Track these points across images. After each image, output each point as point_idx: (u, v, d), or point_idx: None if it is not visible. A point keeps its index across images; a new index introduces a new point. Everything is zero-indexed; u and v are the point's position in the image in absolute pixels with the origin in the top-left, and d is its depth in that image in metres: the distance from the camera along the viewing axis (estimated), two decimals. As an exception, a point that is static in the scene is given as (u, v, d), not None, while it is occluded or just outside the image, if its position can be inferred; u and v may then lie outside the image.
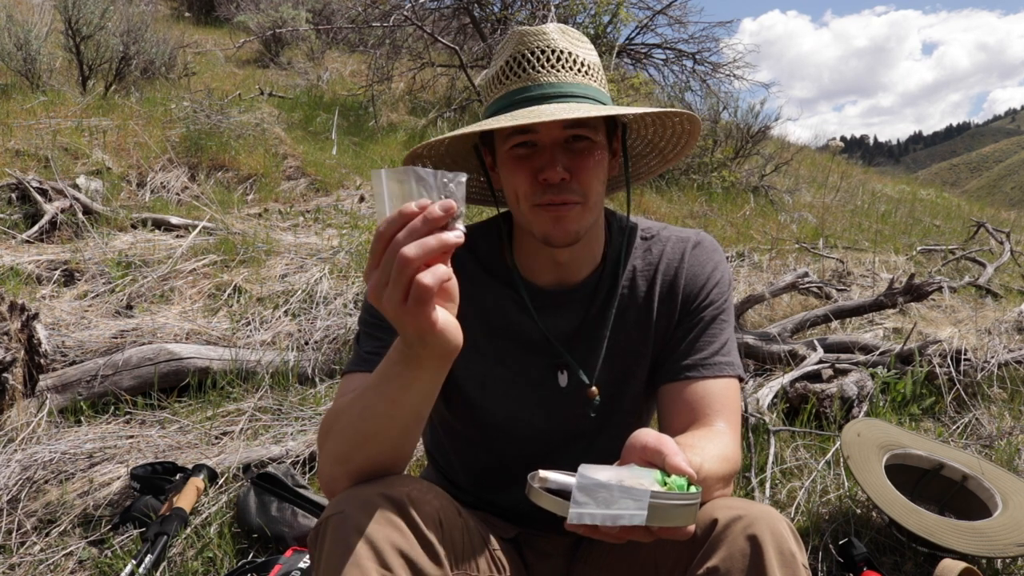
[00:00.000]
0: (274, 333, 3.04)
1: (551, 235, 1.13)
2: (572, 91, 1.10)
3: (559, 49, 1.10)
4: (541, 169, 1.09)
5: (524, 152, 1.11)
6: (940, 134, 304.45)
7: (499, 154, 1.15)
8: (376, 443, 1.00)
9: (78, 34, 6.43)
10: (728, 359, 1.21)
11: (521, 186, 1.11)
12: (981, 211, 9.72)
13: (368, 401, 0.98)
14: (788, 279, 3.79)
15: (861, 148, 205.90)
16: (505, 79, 1.12)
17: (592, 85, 1.12)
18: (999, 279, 5.18)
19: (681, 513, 0.82)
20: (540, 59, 1.10)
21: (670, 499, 0.82)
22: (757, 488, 2.22)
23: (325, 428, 1.07)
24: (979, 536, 1.80)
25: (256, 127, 5.98)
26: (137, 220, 4.09)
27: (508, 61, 1.11)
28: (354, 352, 1.21)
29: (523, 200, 1.13)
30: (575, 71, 1.11)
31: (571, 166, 1.10)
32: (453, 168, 1.25)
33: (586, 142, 1.11)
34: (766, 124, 8.44)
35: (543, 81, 1.09)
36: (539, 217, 1.12)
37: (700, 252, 1.27)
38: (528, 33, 1.11)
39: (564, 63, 1.10)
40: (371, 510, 0.96)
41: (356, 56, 10.39)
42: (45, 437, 2.29)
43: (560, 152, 1.09)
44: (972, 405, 2.74)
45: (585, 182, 1.11)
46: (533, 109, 1.07)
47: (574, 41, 1.13)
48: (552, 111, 1.05)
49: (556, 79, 1.09)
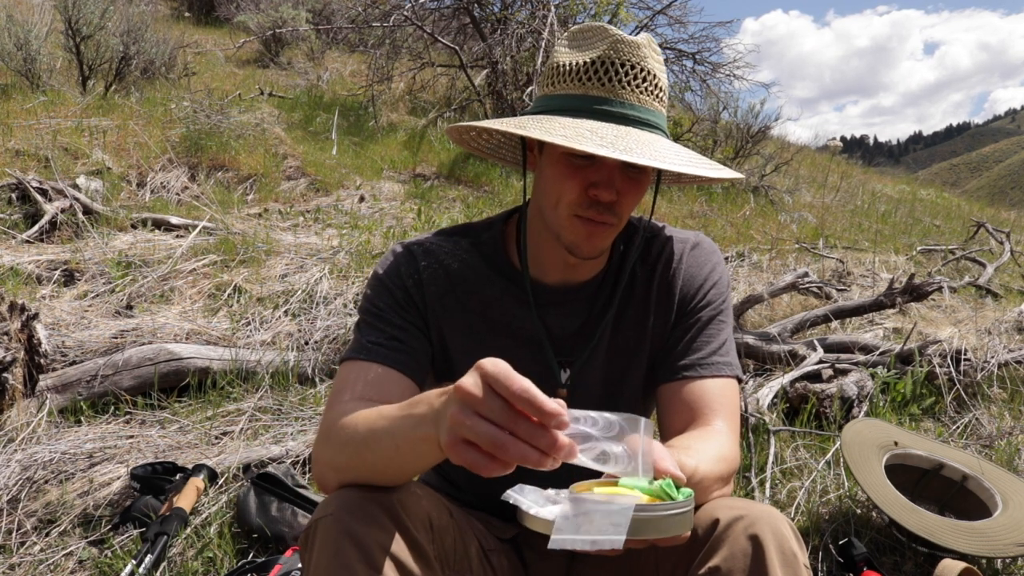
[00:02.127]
0: (274, 333, 3.04)
1: (580, 247, 1.14)
2: (649, 118, 1.08)
3: (648, 69, 1.08)
4: (595, 185, 1.09)
5: (582, 163, 1.10)
6: (940, 134, 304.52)
7: (551, 149, 1.13)
8: (374, 468, 1.00)
9: (78, 34, 6.43)
10: (726, 359, 1.21)
11: (569, 193, 1.10)
12: (981, 211, 9.72)
13: (377, 432, 0.97)
14: (788, 279, 3.79)
15: (861, 148, 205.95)
16: (587, 79, 1.08)
17: (662, 112, 1.12)
18: (999, 279, 5.18)
19: (668, 524, 0.80)
20: (629, 74, 1.07)
21: (655, 511, 0.80)
22: (757, 488, 2.22)
23: (326, 431, 1.07)
24: (979, 536, 1.80)
25: (256, 127, 5.98)
26: (137, 220, 4.09)
27: (595, 62, 1.08)
28: (355, 339, 1.20)
29: (564, 206, 1.12)
30: (654, 96, 1.10)
31: (622, 189, 1.10)
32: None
33: (642, 172, 1.12)
34: (766, 124, 8.44)
35: (626, 99, 1.07)
36: (575, 227, 1.12)
37: (698, 253, 1.27)
38: (622, 41, 1.08)
39: (648, 85, 1.09)
40: (360, 513, 0.96)
41: (356, 56, 10.39)
42: (45, 437, 2.29)
43: (617, 174, 1.09)
44: (972, 405, 2.74)
45: (628, 207, 1.13)
46: (618, 133, 1.03)
47: (658, 62, 1.11)
48: (636, 140, 1.02)
49: (638, 100, 1.08)
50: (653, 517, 0.79)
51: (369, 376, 1.13)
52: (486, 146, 1.29)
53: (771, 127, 8.63)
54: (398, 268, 1.22)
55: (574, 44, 1.13)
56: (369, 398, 1.09)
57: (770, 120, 8.53)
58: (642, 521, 0.79)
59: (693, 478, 0.96)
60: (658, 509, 0.80)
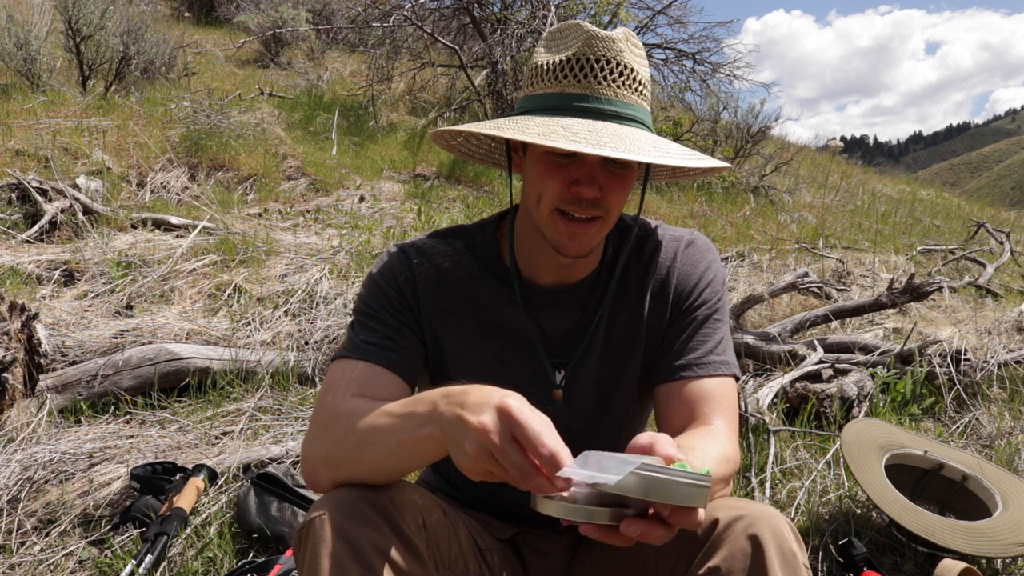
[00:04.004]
0: (274, 333, 3.04)
1: (565, 246, 1.13)
2: (628, 112, 1.08)
3: (624, 64, 1.08)
4: (577, 182, 1.09)
5: (563, 161, 1.10)
6: (940, 134, 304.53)
7: (533, 149, 1.13)
8: (373, 463, 1.00)
9: (78, 34, 6.43)
10: (723, 358, 1.20)
11: (551, 190, 1.10)
12: (981, 211, 9.72)
13: (379, 428, 0.98)
14: (788, 279, 3.79)
15: (861, 148, 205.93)
16: (563, 77, 1.09)
17: (643, 106, 1.11)
18: (999, 279, 5.18)
19: (681, 491, 0.76)
20: (605, 69, 1.07)
21: (663, 473, 0.77)
22: (757, 488, 2.22)
23: (321, 426, 1.07)
24: (979, 536, 1.80)
25: (256, 127, 5.98)
26: (137, 220, 4.09)
27: (570, 59, 1.08)
28: (348, 338, 1.20)
29: (545, 203, 1.12)
30: (633, 89, 1.09)
31: (605, 185, 1.10)
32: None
33: (625, 167, 1.11)
34: (766, 124, 8.44)
35: (603, 95, 1.07)
36: (556, 225, 1.12)
37: (693, 251, 1.27)
38: (596, 37, 1.08)
39: (626, 79, 1.08)
40: (352, 512, 0.96)
41: (356, 56, 10.39)
42: (45, 437, 2.29)
43: (599, 170, 1.09)
44: (972, 405, 2.74)
45: (613, 201, 1.12)
46: (593, 128, 1.03)
47: (637, 56, 1.11)
48: (611, 135, 1.02)
49: (615, 95, 1.08)
50: (668, 480, 0.76)
51: (361, 374, 1.13)
52: (476, 151, 1.29)
53: (771, 127, 8.64)
54: (392, 269, 1.23)
55: (551, 44, 1.14)
56: (362, 396, 1.09)
57: (770, 120, 8.54)
58: (657, 481, 0.76)
59: None
60: (674, 474, 0.77)
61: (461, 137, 1.23)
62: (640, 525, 0.80)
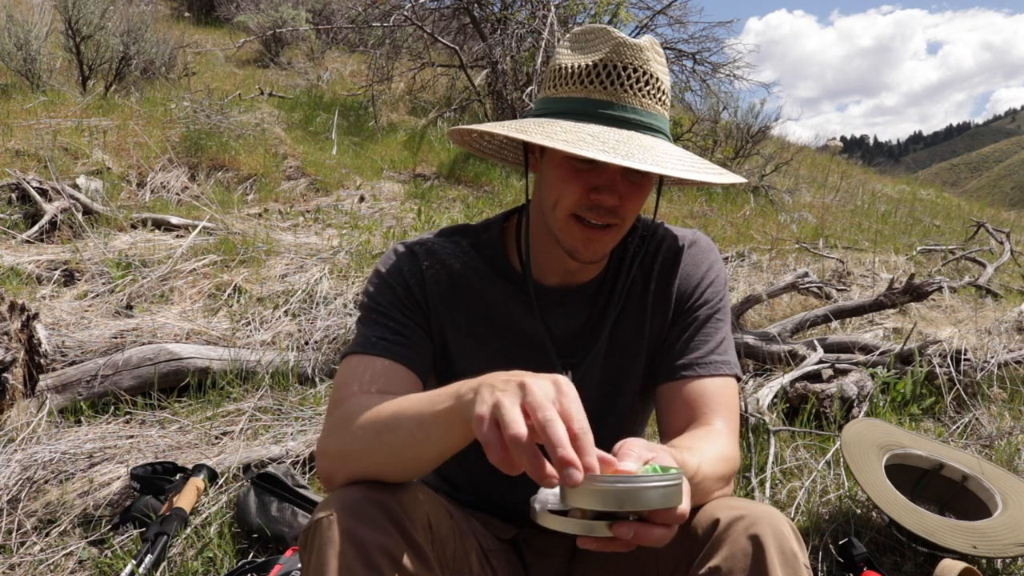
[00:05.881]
0: (274, 333, 3.04)
1: (579, 252, 1.14)
2: (651, 122, 1.08)
3: (650, 73, 1.08)
4: (597, 189, 1.09)
5: (584, 167, 1.09)
6: (940, 134, 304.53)
7: (553, 152, 1.12)
8: (392, 453, 0.99)
9: (78, 34, 6.43)
10: (724, 358, 1.21)
11: (569, 196, 1.10)
12: (981, 211, 9.72)
13: (403, 413, 0.97)
14: (788, 279, 3.79)
15: (861, 148, 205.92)
16: (590, 83, 1.08)
17: (665, 116, 1.12)
18: (999, 279, 5.18)
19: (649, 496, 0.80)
20: (632, 77, 1.07)
21: (631, 482, 0.80)
22: (757, 488, 2.22)
23: (339, 421, 1.05)
24: (979, 536, 1.80)
25: (256, 127, 5.98)
26: (137, 220, 4.09)
27: (596, 65, 1.07)
28: (358, 335, 1.18)
29: (562, 208, 1.11)
30: (657, 99, 1.09)
31: (624, 193, 1.10)
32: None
33: (644, 176, 1.11)
34: (766, 124, 8.44)
35: (628, 103, 1.07)
36: (572, 230, 1.12)
37: (695, 252, 1.27)
38: (625, 44, 1.07)
39: (651, 89, 1.08)
40: (359, 513, 0.96)
41: (356, 56, 10.39)
42: (45, 437, 2.29)
43: (619, 179, 1.09)
44: (972, 405, 2.74)
45: (631, 210, 1.12)
46: (620, 137, 1.03)
47: (661, 65, 1.11)
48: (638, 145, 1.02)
49: (640, 104, 1.08)
50: (637, 488, 0.79)
51: (375, 369, 1.12)
52: (488, 147, 1.29)
53: (771, 127, 8.64)
54: (400, 267, 1.22)
55: (576, 46, 1.13)
56: (377, 390, 1.09)
57: (770, 120, 8.54)
58: (626, 491, 0.79)
59: (695, 478, 0.97)
60: (641, 480, 0.80)
61: (476, 133, 1.23)
62: (632, 526, 0.82)
